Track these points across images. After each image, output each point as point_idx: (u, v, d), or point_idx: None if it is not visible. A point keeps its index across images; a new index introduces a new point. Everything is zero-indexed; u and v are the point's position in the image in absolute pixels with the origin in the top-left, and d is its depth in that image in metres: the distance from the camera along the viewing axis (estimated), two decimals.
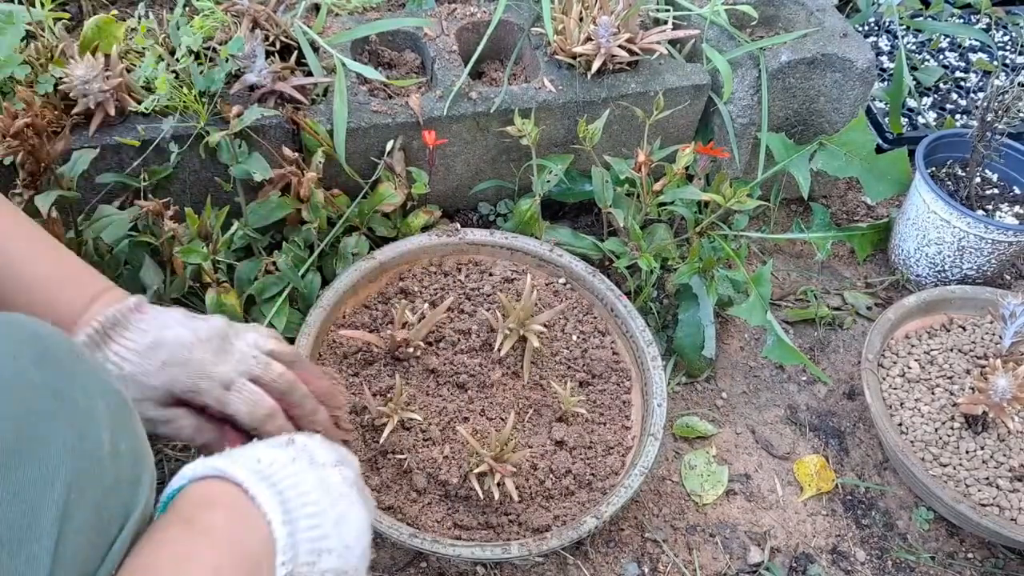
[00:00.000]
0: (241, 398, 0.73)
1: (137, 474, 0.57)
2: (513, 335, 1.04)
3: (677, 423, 1.13)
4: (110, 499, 0.54)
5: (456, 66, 1.19)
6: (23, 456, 0.50)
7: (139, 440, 0.59)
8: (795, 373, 1.21)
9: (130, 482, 0.57)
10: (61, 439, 0.52)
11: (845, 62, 1.22)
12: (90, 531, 0.52)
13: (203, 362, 0.72)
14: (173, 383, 0.71)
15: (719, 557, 1.02)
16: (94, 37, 1.07)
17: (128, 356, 0.71)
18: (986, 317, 1.18)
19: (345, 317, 1.08)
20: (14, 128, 0.88)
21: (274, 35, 1.13)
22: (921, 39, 1.71)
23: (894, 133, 1.46)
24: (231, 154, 1.03)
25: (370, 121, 1.11)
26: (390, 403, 0.96)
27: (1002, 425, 1.06)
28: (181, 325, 0.73)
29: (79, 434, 0.53)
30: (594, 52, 1.16)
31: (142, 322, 0.72)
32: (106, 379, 0.58)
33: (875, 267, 1.37)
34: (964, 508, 0.98)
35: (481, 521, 0.94)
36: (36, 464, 0.50)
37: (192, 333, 0.73)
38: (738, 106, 1.25)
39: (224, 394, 0.73)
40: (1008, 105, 1.17)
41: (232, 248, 1.05)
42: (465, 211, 1.28)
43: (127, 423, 0.59)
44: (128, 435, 0.58)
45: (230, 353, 0.74)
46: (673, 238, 1.20)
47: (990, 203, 1.27)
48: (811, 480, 1.09)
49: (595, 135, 1.12)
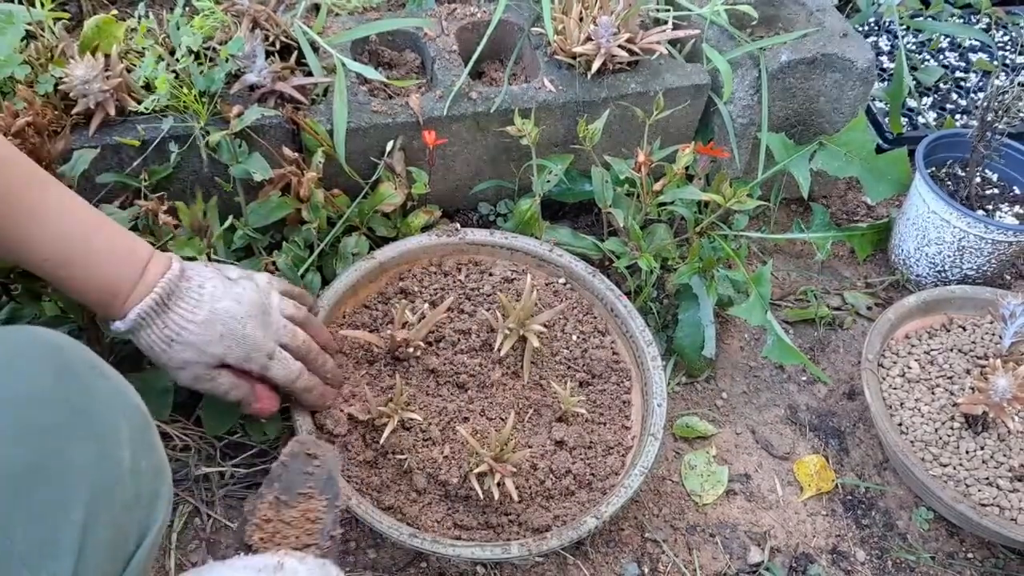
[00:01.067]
0: (280, 366, 0.89)
1: (156, 489, 0.58)
2: (513, 335, 1.04)
3: (677, 423, 1.13)
4: (129, 516, 0.55)
5: (456, 66, 1.19)
6: (44, 474, 0.50)
7: (159, 456, 0.60)
8: (795, 373, 1.21)
9: (149, 498, 0.57)
10: (81, 457, 0.52)
11: (845, 62, 1.22)
12: (109, 548, 0.53)
13: (255, 339, 0.86)
14: (228, 353, 0.84)
15: (719, 557, 1.02)
16: (94, 37, 1.07)
17: (188, 326, 0.82)
18: (986, 317, 1.18)
19: (345, 317, 1.08)
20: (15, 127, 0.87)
21: (274, 35, 1.13)
22: (921, 39, 1.71)
23: (894, 133, 1.46)
24: (231, 154, 1.03)
25: (370, 121, 1.10)
26: (390, 403, 0.96)
27: (1002, 425, 1.06)
28: (227, 296, 0.84)
29: (100, 452, 0.53)
30: (594, 52, 1.16)
31: (191, 291, 0.83)
32: (127, 394, 0.59)
33: (875, 267, 1.37)
34: (964, 508, 0.98)
35: (481, 521, 0.94)
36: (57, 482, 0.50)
37: (240, 306, 0.85)
38: (738, 106, 1.25)
39: (268, 363, 0.87)
40: (1008, 105, 1.17)
41: (232, 248, 1.05)
42: (465, 211, 1.28)
43: (148, 439, 0.59)
44: (149, 451, 0.58)
45: (270, 326, 0.88)
46: (673, 238, 1.20)
47: (990, 203, 1.27)
48: (811, 480, 1.09)
49: (595, 135, 1.12)
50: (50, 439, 0.51)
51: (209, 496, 0.99)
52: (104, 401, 0.55)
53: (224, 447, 1.01)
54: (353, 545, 0.98)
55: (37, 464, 0.49)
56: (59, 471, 0.50)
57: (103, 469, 0.53)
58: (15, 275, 0.92)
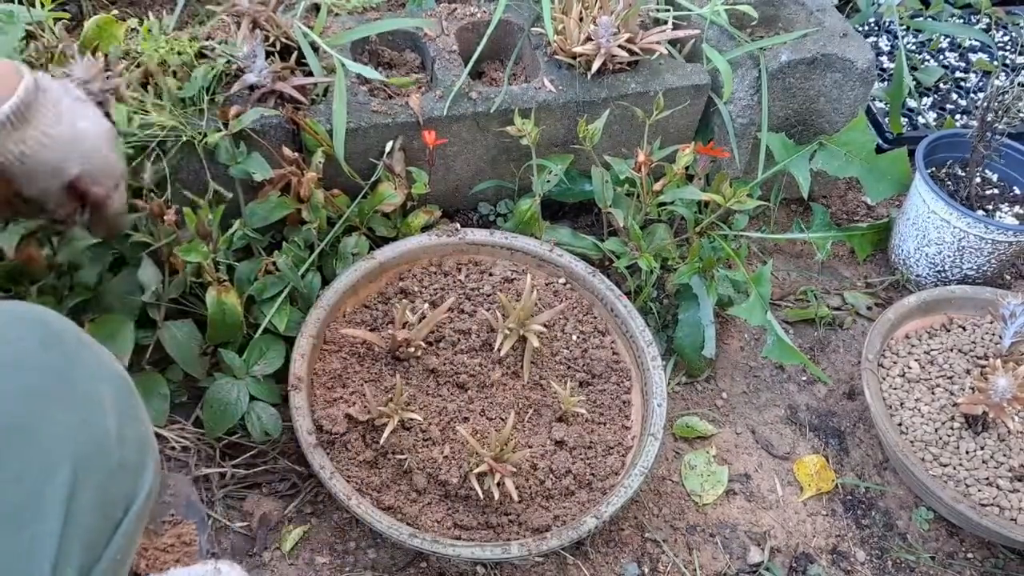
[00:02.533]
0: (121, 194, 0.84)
1: (142, 460, 0.58)
2: (513, 335, 1.04)
3: (677, 423, 1.13)
4: (115, 483, 0.55)
5: (456, 66, 1.19)
6: (28, 435, 0.50)
7: (145, 427, 0.60)
8: (795, 373, 1.21)
9: (135, 468, 0.57)
10: (65, 420, 0.53)
11: (845, 62, 1.22)
12: (95, 512, 0.53)
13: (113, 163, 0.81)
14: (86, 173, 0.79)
15: (719, 557, 1.02)
16: (94, 37, 1.07)
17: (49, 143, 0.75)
18: (986, 317, 1.18)
19: (345, 316, 1.08)
20: None
21: (274, 35, 1.13)
22: (921, 39, 1.71)
23: (894, 133, 1.46)
24: (230, 155, 1.03)
25: (370, 121, 1.10)
26: (390, 403, 0.96)
27: (1002, 425, 1.06)
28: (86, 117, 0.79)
29: (82, 418, 0.54)
30: (594, 52, 1.16)
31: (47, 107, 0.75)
32: (111, 365, 0.59)
33: (875, 267, 1.37)
34: (964, 508, 0.98)
35: (481, 521, 0.94)
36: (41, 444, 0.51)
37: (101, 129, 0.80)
38: (738, 106, 1.25)
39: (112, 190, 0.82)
40: (1008, 105, 1.17)
41: (232, 248, 1.05)
42: (465, 211, 1.28)
43: (134, 410, 0.59)
44: (134, 423, 0.59)
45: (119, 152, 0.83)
46: (673, 238, 1.20)
47: (990, 203, 1.27)
48: (811, 480, 1.09)
49: (595, 135, 1.12)
50: (34, 402, 0.51)
51: (209, 496, 0.99)
52: (88, 369, 0.56)
53: (224, 447, 1.01)
54: (353, 545, 0.98)
55: (20, 425, 0.50)
56: (43, 433, 0.51)
57: (87, 433, 0.53)
58: None
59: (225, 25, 1.12)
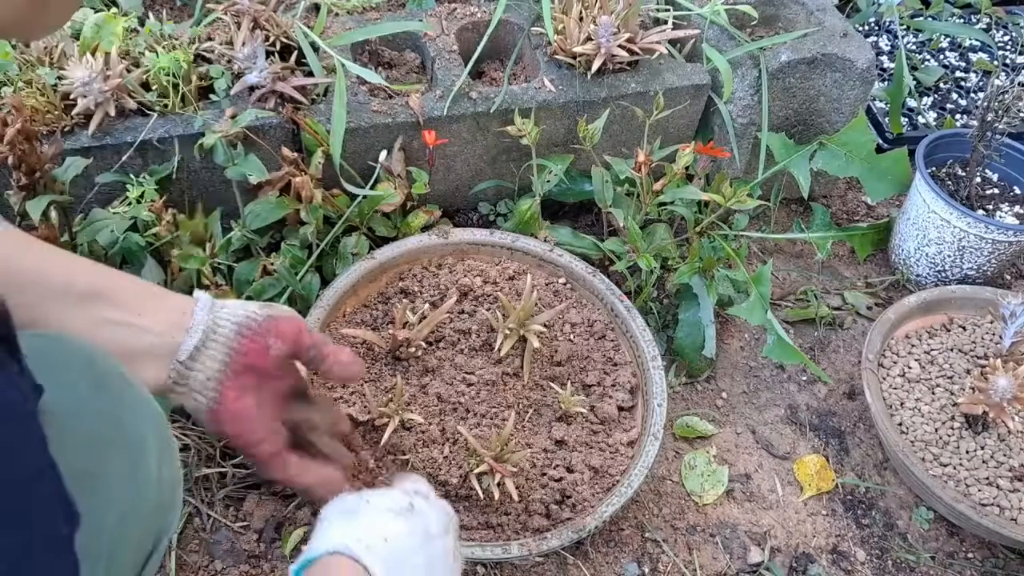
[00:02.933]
0: None
1: (173, 499, 0.61)
2: (513, 335, 1.04)
3: (677, 423, 1.13)
4: (150, 522, 0.58)
5: (456, 66, 1.19)
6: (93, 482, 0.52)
7: (177, 467, 0.63)
8: (795, 373, 1.21)
9: (167, 507, 0.61)
10: (118, 467, 0.55)
11: (845, 62, 1.22)
12: (132, 551, 0.56)
13: None
14: None
15: (719, 557, 1.02)
16: (94, 37, 1.07)
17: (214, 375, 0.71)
18: (986, 317, 1.18)
19: (345, 316, 1.08)
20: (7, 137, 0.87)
21: (274, 35, 1.13)
22: (921, 39, 1.71)
23: (894, 133, 1.46)
24: (226, 156, 1.03)
25: (370, 121, 1.10)
26: (391, 403, 0.96)
27: (1002, 425, 1.06)
28: None
29: (133, 463, 0.56)
30: (594, 52, 1.16)
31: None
32: (152, 404, 0.61)
33: (875, 267, 1.36)
34: (964, 508, 0.98)
35: (481, 521, 0.94)
36: (95, 491, 0.52)
37: None
38: (738, 106, 1.25)
39: None
40: (1008, 105, 1.17)
41: (231, 249, 1.05)
42: (465, 211, 1.28)
43: (169, 450, 0.62)
44: (169, 461, 0.61)
45: None
46: (673, 238, 1.20)
47: (990, 203, 1.27)
48: (811, 480, 1.09)
49: (595, 135, 1.12)
50: (95, 449, 0.53)
51: (209, 496, 0.99)
52: (133, 410, 0.58)
53: (224, 447, 1.01)
54: None
55: (90, 472, 0.51)
56: (102, 481, 0.53)
57: (135, 480, 0.55)
58: None
59: (225, 25, 1.12)
